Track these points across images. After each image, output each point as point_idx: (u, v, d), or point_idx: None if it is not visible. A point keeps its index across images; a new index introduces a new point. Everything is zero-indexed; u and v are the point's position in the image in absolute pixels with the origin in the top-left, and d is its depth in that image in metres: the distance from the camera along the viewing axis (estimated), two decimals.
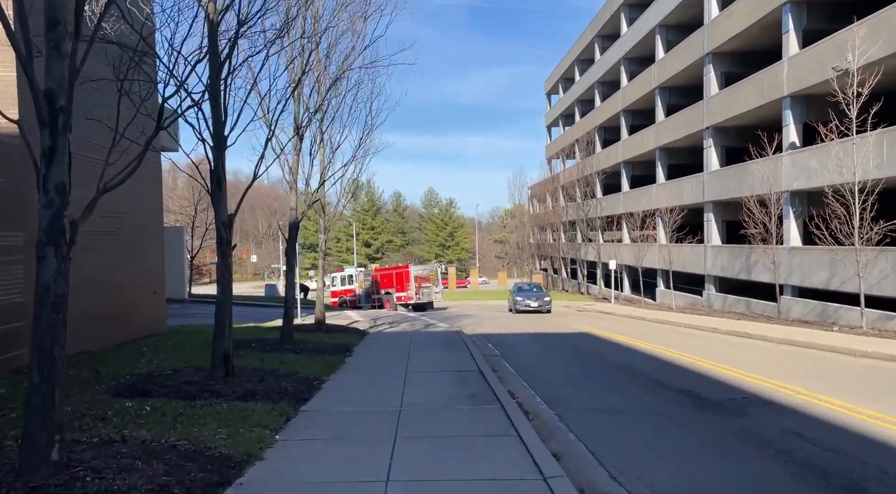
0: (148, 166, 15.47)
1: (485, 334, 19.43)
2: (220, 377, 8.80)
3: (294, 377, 9.83)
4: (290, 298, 13.35)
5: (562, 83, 61.95)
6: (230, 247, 8.98)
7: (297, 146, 13.21)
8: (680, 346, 15.73)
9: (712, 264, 30.33)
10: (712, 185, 30.39)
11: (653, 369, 11.98)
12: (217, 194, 8.90)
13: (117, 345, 13.10)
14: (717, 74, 30.60)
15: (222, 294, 8.91)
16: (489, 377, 10.47)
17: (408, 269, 37.46)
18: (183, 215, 36.59)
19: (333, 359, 12.14)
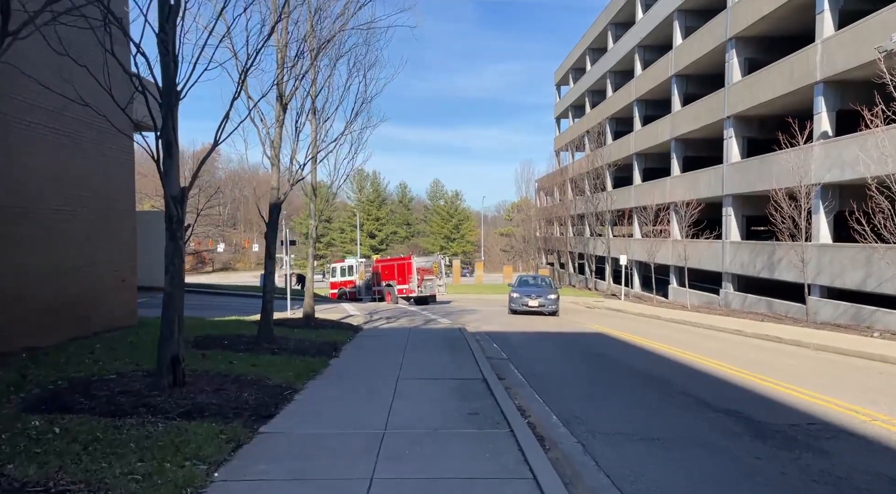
0: (117, 142, 13.87)
1: (489, 332, 17.81)
2: (165, 387, 7.21)
3: (261, 386, 8.23)
4: (268, 289, 11.75)
5: (572, 74, 60.04)
6: (182, 227, 7.37)
7: (280, 117, 11.58)
8: (707, 351, 14.08)
9: (731, 261, 28.60)
10: (732, 177, 28.63)
11: (685, 380, 10.33)
12: (167, 162, 7.28)
13: (71, 340, 11.53)
14: (739, 60, 28.77)
15: (170, 285, 7.31)
16: (495, 388, 8.85)
17: (410, 260, 35.81)
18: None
19: (315, 361, 10.54)
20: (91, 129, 12.28)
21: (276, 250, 11.95)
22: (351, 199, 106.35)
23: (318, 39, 11.89)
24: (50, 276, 11.32)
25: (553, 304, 23.76)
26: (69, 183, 11.97)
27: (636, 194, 40.87)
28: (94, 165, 12.77)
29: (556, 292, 24.89)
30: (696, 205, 30.30)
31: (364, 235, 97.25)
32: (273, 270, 11.82)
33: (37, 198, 11.04)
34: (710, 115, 30.67)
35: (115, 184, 13.78)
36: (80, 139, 12.17)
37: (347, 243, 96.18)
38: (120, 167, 14.11)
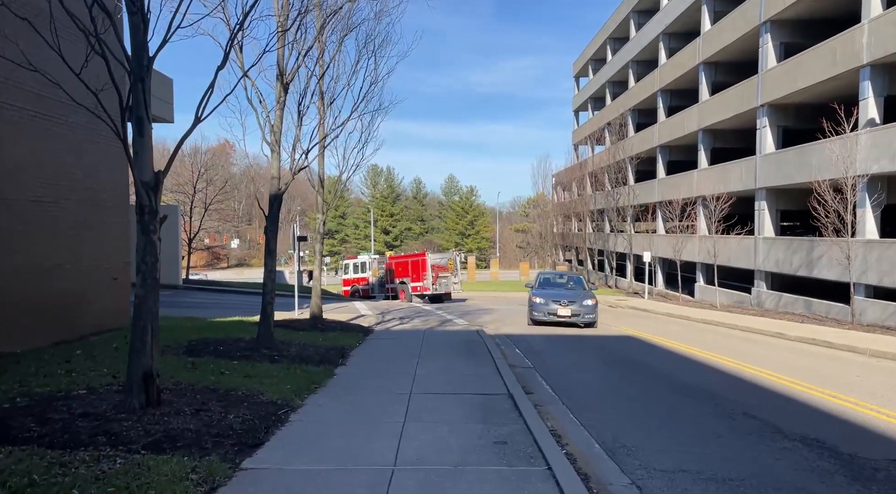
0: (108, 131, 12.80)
1: (509, 335, 16.55)
2: (135, 408, 6.05)
3: (252, 404, 7.06)
4: (268, 289, 10.59)
5: (592, 64, 58.41)
6: (156, 219, 6.20)
7: (281, 98, 10.40)
8: (754, 358, 12.72)
9: (764, 259, 27.04)
10: (766, 169, 27.04)
11: (742, 396, 9.02)
12: (137, 142, 6.12)
13: (54, 344, 10.47)
14: (774, 44, 27.14)
15: (142, 287, 6.15)
16: (523, 406, 7.60)
17: (424, 257, 34.62)
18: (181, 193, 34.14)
19: (318, 372, 9.37)
20: (77, 113, 11.17)
21: (276, 246, 10.79)
22: (365, 195, 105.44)
23: (325, 11, 10.71)
24: (28, 273, 10.26)
25: (590, 312, 17.67)
26: (51, 170, 10.90)
27: (660, 188, 39.30)
28: (81, 152, 11.69)
29: (592, 295, 18.84)
30: (727, 199, 28.74)
31: (378, 231, 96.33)
32: (273, 267, 10.65)
33: (12, 185, 9.97)
34: (741, 103, 29.08)
35: (106, 174, 12.70)
36: (64, 124, 11.08)
37: (361, 239, 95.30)
38: (113, 156, 13.01)
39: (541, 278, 20.69)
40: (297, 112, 10.90)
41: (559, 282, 20.65)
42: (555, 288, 19.68)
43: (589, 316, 17.70)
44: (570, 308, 17.61)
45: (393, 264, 37.01)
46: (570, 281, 20.82)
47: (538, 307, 18.03)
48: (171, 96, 23.54)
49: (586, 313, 17.69)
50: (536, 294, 18.59)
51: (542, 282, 20.30)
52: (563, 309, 17.63)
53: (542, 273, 21.73)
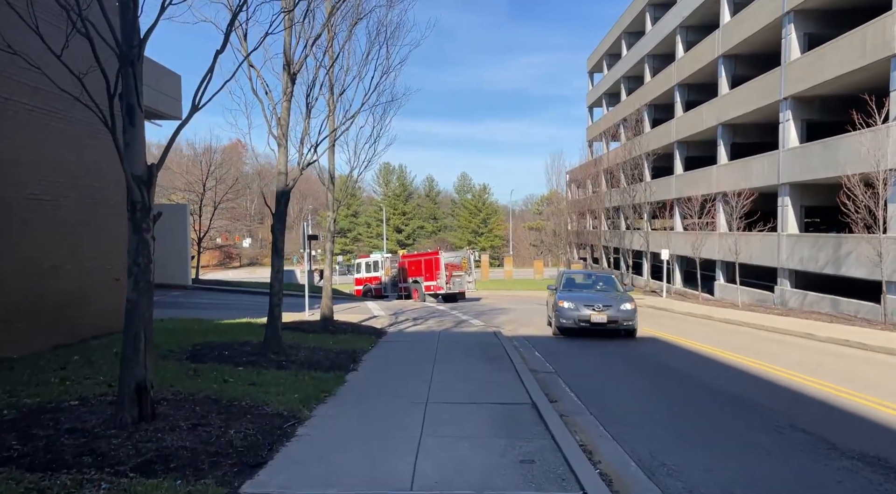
0: None
1: (528, 336, 15.95)
2: (127, 423, 5.54)
3: (256, 416, 6.54)
4: (276, 290, 10.07)
5: (606, 60, 57.50)
6: (149, 216, 5.68)
7: (288, 89, 9.87)
8: (786, 361, 12.03)
9: (788, 256, 26.19)
10: (790, 164, 26.17)
11: (783, 404, 8.36)
12: (128, 132, 5.60)
13: (53, 348, 10.04)
14: (798, 35, 26.26)
15: (134, 290, 5.64)
16: (549, 418, 7.01)
17: (438, 255, 34.04)
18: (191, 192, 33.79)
19: (328, 378, 8.83)
20: (76, 107, 10.71)
21: (284, 245, 10.27)
22: (377, 193, 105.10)
23: None
24: (25, 274, 9.82)
25: (629, 317, 15.05)
26: (49, 167, 10.46)
27: (677, 185, 38.46)
28: (81, 147, 11.24)
29: (630, 297, 16.07)
30: (749, 195, 27.88)
31: (390, 229, 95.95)
32: (281, 267, 10.13)
33: (8, 182, 9.52)
34: (763, 97, 28.20)
35: (108, 170, 12.22)
36: (63, 118, 10.63)
37: (374, 237, 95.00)
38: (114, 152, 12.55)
39: (565, 278, 17.56)
40: (306, 104, 10.37)
41: (587, 283, 17.79)
42: (584, 290, 16.77)
43: (628, 322, 15.06)
44: (605, 314, 14.90)
45: (406, 262, 36.49)
46: (600, 281, 17.85)
47: (566, 313, 15.19)
48: (179, 93, 23.15)
49: (625, 318, 15.04)
50: (564, 298, 15.58)
51: (567, 282, 17.24)
52: (598, 315, 14.86)
53: (566, 273, 18.61)
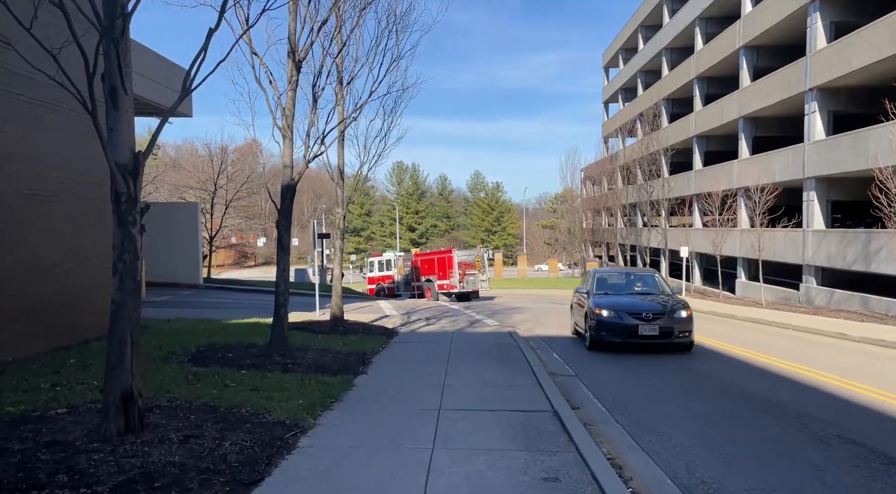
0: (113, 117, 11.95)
1: (545, 336, 15.36)
2: (112, 435, 5.06)
3: (256, 425, 6.03)
4: (281, 289, 9.58)
5: (622, 54, 56.61)
6: (135, 208, 5.19)
7: (294, 78, 9.38)
8: (821, 363, 11.34)
9: (814, 253, 25.33)
10: (815, 157, 25.31)
11: (829, 413, 7.70)
12: (111, 115, 5.11)
13: (52, 350, 9.63)
14: (824, 23, 25.39)
15: (120, 290, 5.17)
16: (573, 428, 6.44)
17: (451, 254, 33.52)
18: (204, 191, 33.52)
19: (335, 383, 8.31)
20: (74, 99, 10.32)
21: (290, 242, 9.78)
22: (390, 192, 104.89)
23: None
24: (21, 274, 9.41)
25: (686, 326, 12.11)
26: (46, 161, 10.05)
27: (697, 180, 37.61)
28: (79, 141, 10.81)
29: (684, 303, 12.87)
30: (772, 190, 27.03)
31: (403, 228, 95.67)
32: (287, 265, 9.65)
33: (2, 177, 9.12)
34: (787, 88, 27.34)
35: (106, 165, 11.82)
36: (60, 110, 10.21)
37: (387, 236, 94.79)
38: None
39: (597, 279, 14.12)
40: (312, 94, 9.88)
41: (624, 283, 14.35)
42: (623, 293, 13.48)
43: (684, 335, 12.05)
44: (657, 324, 11.87)
45: (418, 261, 36.01)
46: (639, 281, 14.39)
47: (607, 323, 12.07)
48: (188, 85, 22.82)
49: (681, 329, 11.97)
50: (602, 304, 12.43)
51: (599, 284, 13.88)
52: (648, 326, 11.84)
53: (596, 272, 14.90)
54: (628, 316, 12.07)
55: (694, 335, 12.48)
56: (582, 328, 13.58)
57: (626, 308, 12.27)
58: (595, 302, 12.70)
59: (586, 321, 12.95)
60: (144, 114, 23.32)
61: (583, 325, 13.40)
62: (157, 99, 20.10)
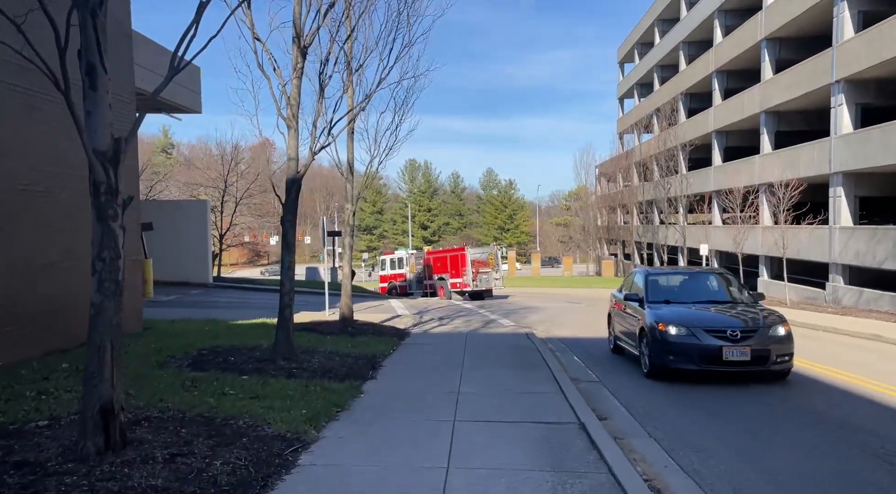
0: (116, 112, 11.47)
1: (563, 338, 14.74)
2: (90, 453, 4.52)
3: (254, 439, 5.48)
4: (286, 289, 9.03)
5: (638, 49, 55.62)
6: (115, 200, 4.65)
7: (299, 65, 8.83)
8: (863, 368, 10.62)
9: (841, 250, 24.43)
10: (843, 151, 24.39)
11: (881, 425, 7.03)
12: (89, 96, 4.57)
13: (44, 355, 9.15)
14: (852, 13, 24.43)
15: (99, 292, 4.62)
16: (602, 442, 5.82)
17: (464, 252, 32.91)
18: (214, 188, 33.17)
19: (342, 389, 7.75)
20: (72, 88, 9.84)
21: (295, 239, 9.24)
22: (402, 190, 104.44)
23: None
24: (13, 274, 8.94)
25: (785, 348, 9.10)
26: (41, 155, 9.57)
27: (716, 176, 36.69)
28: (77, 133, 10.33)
29: (780, 316, 9.76)
30: (797, 185, 26.13)
31: (416, 226, 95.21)
32: (291, 263, 9.10)
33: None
34: (812, 80, 26.41)
35: None
36: (55, 100, 9.71)
37: (399, 234, 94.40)
38: None
39: (650, 281, 10.71)
40: (319, 83, 9.32)
41: (687, 287, 11.02)
42: (690, 302, 10.09)
43: (783, 359, 9.00)
44: (748, 346, 8.74)
45: (431, 259, 35.44)
46: (705, 284, 11.20)
47: (674, 345, 8.97)
48: (198, 86, 22.38)
49: (781, 352, 8.95)
50: (663, 317, 9.35)
51: (654, 287, 10.59)
52: (736, 348, 8.70)
53: (648, 273, 11.22)
54: (706, 335, 8.85)
55: (789, 364, 9.21)
56: (631, 346, 10.40)
57: (703, 323, 9.09)
58: (655, 315, 9.52)
59: (641, 339, 9.81)
60: (151, 110, 22.98)
61: (633, 343, 10.26)
62: (164, 94, 19.59)
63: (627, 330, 10.91)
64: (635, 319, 10.30)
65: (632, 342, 10.56)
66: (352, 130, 12.98)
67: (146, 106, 22.42)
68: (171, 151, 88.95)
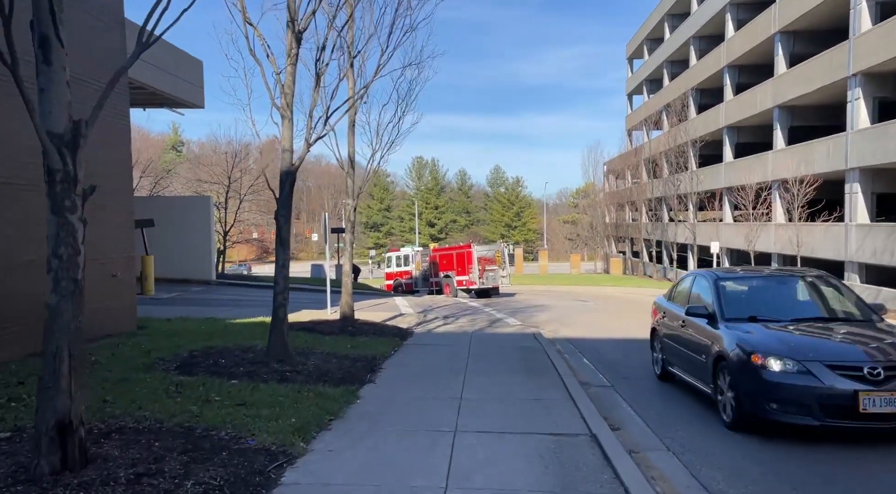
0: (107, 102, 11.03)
1: (571, 338, 14.21)
2: (44, 473, 4.06)
3: (234, 453, 5.01)
4: (280, 288, 8.55)
5: (647, 44, 54.85)
6: (73, 190, 4.17)
7: (293, 50, 8.33)
8: None
9: (857, 248, 23.76)
10: (860, 147, 23.69)
11: None
12: (43, 72, 4.09)
13: (26, 356, 8.71)
14: (869, 5, 23.73)
15: (55, 292, 4.18)
16: (617, 458, 5.30)
17: (470, 249, 32.41)
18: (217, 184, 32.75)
19: (336, 395, 7.25)
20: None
21: (290, 235, 8.76)
22: (409, 187, 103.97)
23: None
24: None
25: None
26: (23, 146, 9.11)
27: (727, 173, 35.99)
28: None
29: None
30: (812, 182, 25.45)
31: (423, 223, 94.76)
32: (286, 261, 8.62)
33: None
34: (828, 74, 25.70)
35: (101, 155, 10.89)
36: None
37: (406, 231, 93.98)
38: (110, 129, 11.26)
39: (723, 290, 7.81)
40: (315, 70, 8.81)
41: (781, 297, 8.10)
42: (790, 321, 7.24)
43: None
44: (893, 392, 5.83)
45: (437, 256, 34.94)
46: (806, 292, 8.22)
47: (779, 387, 6.14)
48: (201, 80, 21.94)
49: None
50: (754, 344, 6.55)
51: (731, 299, 7.71)
52: (880, 395, 5.80)
53: (718, 277, 8.11)
54: (830, 373, 5.97)
55: None
56: (698, 380, 7.52)
57: (822, 355, 6.19)
58: (741, 339, 6.65)
59: (719, 372, 6.86)
60: (154, 105, 22.57)
61: (700, 375, 7.40)
62: (165, 88, 19.28)
63: (689, 356, 7.84)
64: (703, 342, 7.31)
65: (698, 375, 7.49)
66: (353, 123, 12.49)
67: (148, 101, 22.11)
68: (181, 148, 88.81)
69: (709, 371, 7.15)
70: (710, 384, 7.14)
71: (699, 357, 7.49)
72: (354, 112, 12.51)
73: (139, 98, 20.40)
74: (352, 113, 12.27)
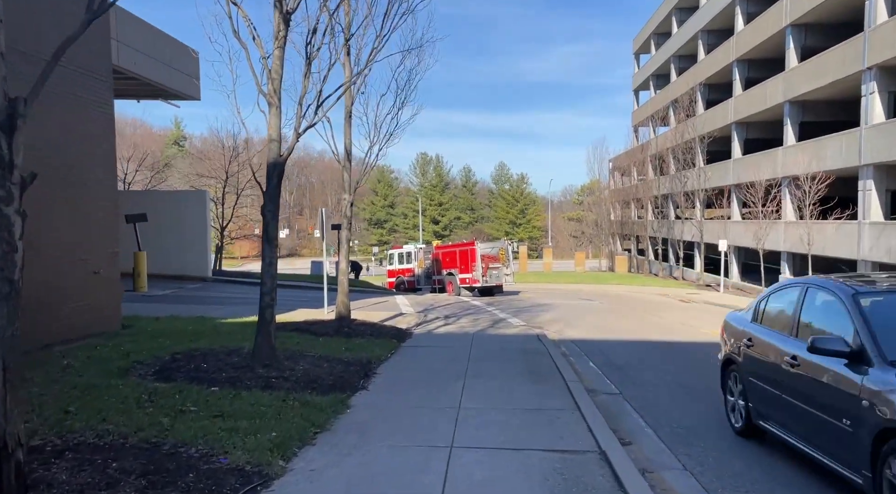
0: (87, 90, 10.55)
1: (577, 340, 13.64)
2: None
3: (203, 474, 4.48)
4: (267, 288, 8.00)
5: (654, 39, 54.07)
6: (10, 176, 3.66)
7: (281, 33, 7.78)
8: None
9: (871, 247, 23.08)
10: (874, 142, 23.00)
11: None
12: None
13: None
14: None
15: None
16: (629, 479, 4.75)
17: (474, 246, 31.81)
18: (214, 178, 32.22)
19: (325, 404, 6.72)
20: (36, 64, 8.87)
21: (277, 232, 8.21)
22: (413, 184, 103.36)
23: None
24: None
25: None
26: None
27: (736, 169, 35.27)
28: (44, 115, 9.36)
29: None
30: (824, 178, 24.77)
31: (427, 220, 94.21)
32: (273, 259, 8.07)
33: None
34: (841, 68, 24.98)
35: (82, 146, 10.40)
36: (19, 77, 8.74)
37: (410, 228, 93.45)
38: (91, 123, 10.74)
39: (876, 316, 4.77)
40: (306, 54, 8.25)
41: None
42: None
43: None
44: None
45: (440, 254, 34.37)
46: None
47: None
48: (196, 71, 21.40)
49: None
50: None
51: (886, 325, 4.67)
52: None
53: (857, 291, 5.03)
54: None
55: None
56: (844, 465, 4.54)
57: None
58: None
59: (880, 448, 4.10)
60: (149, 96, 22.08)
61: (850, 458, 4.44)
62: (160, 79, 18.77)
63: (811, 415, 5.00)
64: (844, 398, 4.55)
65: (831, 449, 4.76)
66: (349, 114, 11.93)
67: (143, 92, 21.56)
68: (184, 143, 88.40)
69: (861, 449, 4.27)
70: (865, 471, 4.24)
71: (836, 422, 4.59)
72: (351, 102, 11.96)
73: (132, 89, 19.86)
74: (348, 103, 11.71)
